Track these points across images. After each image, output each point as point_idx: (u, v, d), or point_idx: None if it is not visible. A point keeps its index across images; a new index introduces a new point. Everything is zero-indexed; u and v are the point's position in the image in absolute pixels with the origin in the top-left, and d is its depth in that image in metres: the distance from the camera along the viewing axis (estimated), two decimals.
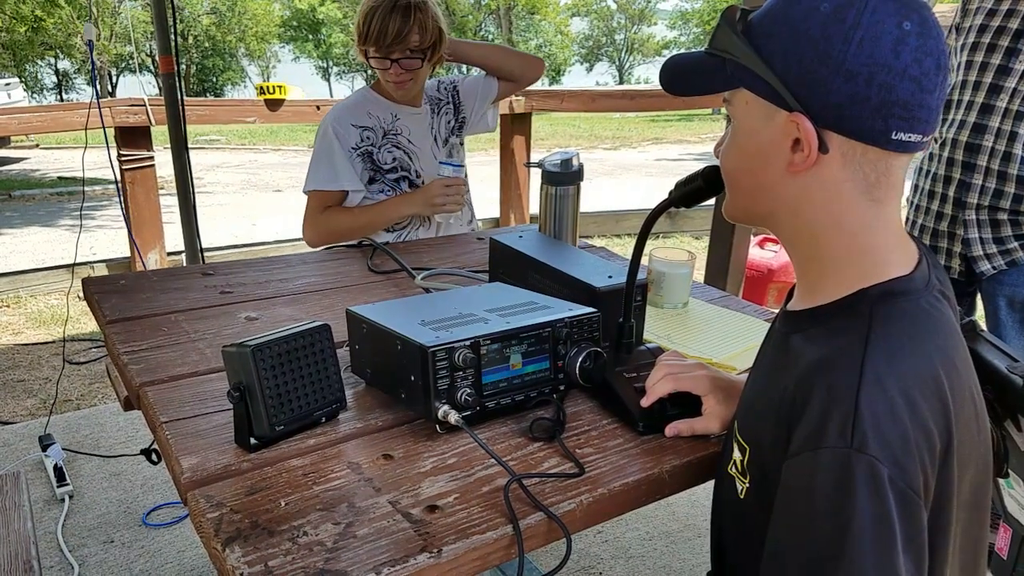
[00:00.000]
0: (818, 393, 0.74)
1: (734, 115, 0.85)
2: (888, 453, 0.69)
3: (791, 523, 0.73)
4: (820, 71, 0.75)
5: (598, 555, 2.15)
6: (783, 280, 4.10)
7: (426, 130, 2.13)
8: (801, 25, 0.76)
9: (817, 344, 0.80)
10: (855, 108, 0.75)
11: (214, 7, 28.20)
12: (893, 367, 0.73)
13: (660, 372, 1.07)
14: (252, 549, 0.81)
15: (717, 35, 0.84)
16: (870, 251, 0.81)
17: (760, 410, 0.84)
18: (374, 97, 2.08)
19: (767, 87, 0.79)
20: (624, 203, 7.28)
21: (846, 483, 0.68)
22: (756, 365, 0.96)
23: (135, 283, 1.60)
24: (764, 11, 0.81)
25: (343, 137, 2.00)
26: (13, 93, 11.98)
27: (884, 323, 0.77)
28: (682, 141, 14.76)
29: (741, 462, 0.87)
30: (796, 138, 0.78)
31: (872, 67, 0.74)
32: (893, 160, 0.78)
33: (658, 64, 9.17)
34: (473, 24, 31.65)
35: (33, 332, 3.95)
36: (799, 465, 0.73)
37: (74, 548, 2.13)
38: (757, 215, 0.89)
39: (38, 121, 4.17)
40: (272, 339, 0.99)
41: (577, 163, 1.64)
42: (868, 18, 0.74)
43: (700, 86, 0.88)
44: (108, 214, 7.30)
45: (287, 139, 14.83)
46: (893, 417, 0.70)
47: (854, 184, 0.79)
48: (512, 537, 0.86)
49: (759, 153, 0.82)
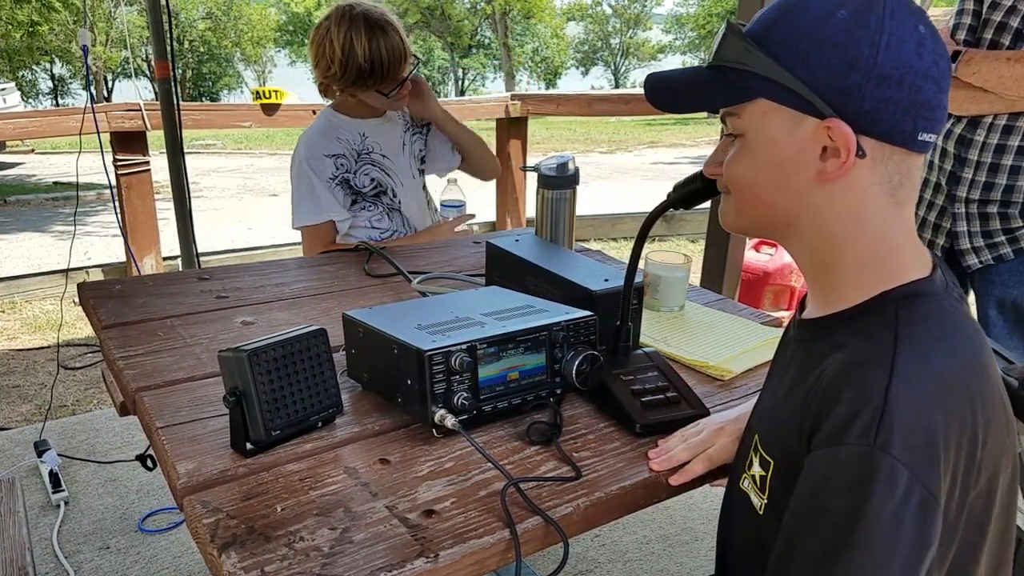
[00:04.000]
0: (848, 393, 0.73)
1: (744, 128, 0.83)
2: (911, 455, 0.68)
3: (801, 517, 0.73)
4: (852, 76, 0.75)
5: (595, 559, 2.14)
6: (779, 283, 4.10)
7: (396, 138, 2.12)
8: (819, 32, 0.76)
9: (844, 347, 0.78)
10: (888, 111, 0.75)
11: (210, 12, 28.19)
12: (923, 367, 0.73)
13: (684, 453, 1.02)
14: (248, 554, 0.81)
15: (724, 47, 0.82)
16: (890, 254, 0.81)
17: (784, 422, 0.83)
18: (339, 120, 2.05)
19: (793, 96, 0.78)
20: (620, 206, 7.28)
21: (864, 481, 0.68)
22: (773, 377, 0.94)
23: (131, 288, 1.59)
24: (766, 22, 0.80)
25: (319, 170, 1.99)
26: (9, 98, 11.96)
27: (911, 324, 0.76)
28: (678, 145, 14.77)
29: (763, 478, 0.85)
30: (824, 145, 0.77)
31: (902, 69, 0.74)
32: (913, 161, 0.79)
33: (654, 68, 9.18)
34: (469, 28, 31.68)
35: (28, 337, 3.94)
36: (817, 460, 0.73)
37: (70, 554, 2.13)
38: (773, 227, 0.87)
39: (33, 126, 4.16)
40: (268, 344, 0.98)
41: (573, 167, 1.64)
42: (889, 22, 0.74)
43: (703, 100, 0.86)
44: (103, 219, 7.29)
45: (283, 143, 14.81)
46: (921, 418, 0.70)
47: (880, 188, 0.79)
48: (509, 541, 0.86)
49: (782, 164, 0.81)
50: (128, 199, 4.13)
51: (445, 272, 1.74)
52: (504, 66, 31.54)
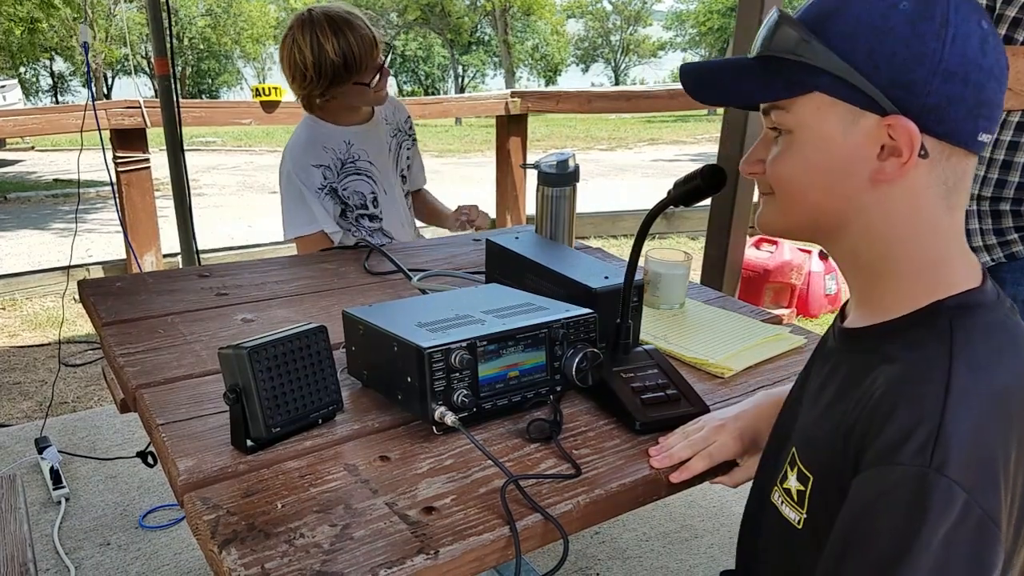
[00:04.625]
0: (901, 409, 0.69)
1: (794, 124, 0.78)
2: (969, 477, 0.64)
3: (849, 539, 0.69)
4: (917, 71, 0.70)
5: (595, 556, 2.15)
6: (779, 280, 4.10)
7: (383, 143, 2.12)
8: (882, 23, 0.71)
9: (894, 360, 0.74)
10: (952, 109, 0.71)
11: (209, 9, 28.18)
12: (981, 383, 0.69)
13: (685, 451, 1.01)
14: (249, 551, 0.81)
15: (776, 36, 0.77)
16: (941, 262, 0.77)
17: (825, 436, 0.78)
18: (324, 128, 2.03)
19: (852, 90, 0.73)
20: (620, 204, 7.28)
21: (918, 503, 0.64)
22: (810, 387, 0.89)
23: (131, 285, 1.59)
24: (822, 11, 0.75)
25: (307, 181, 1.97)
26: (9, 95, 11.97)
27: (966, 337, 0.72)
28: (678, 142, 14.77)
29: (801, 492, 0.81)
30: (883, 144, 0.73)
31: (967, 66, 0.71)
32: (969, 163, 0.75)
33: (654, 65, 9.14)
34: (469, 25, 31.64)
35: (29, 334, 3.94)
36: (868, 480, 0.69)
37: (70, 551, 2.13)
38: (819, 230, 0.82)
39: (33, 123, 4.16)
40: (268, 341, 0.98)
41: (573, 164, 1.64)
42: (955, 16, 0.70)
43: (752, 93, 0.80)
44: (103, 216, 7.29)
45: (283, 141, 14.77)
46: (979, 437, 0.66)
47: (935, 190, 0.75)
48: (509, 538, 0.86)
49: (835, 163, 0.76)
50: (128, 196, 4.13)
51: (445, 270, 1.74)
52: (504, 63, 31.51)
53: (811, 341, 1.40)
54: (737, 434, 1.02)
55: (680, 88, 1.00)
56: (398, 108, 2.21)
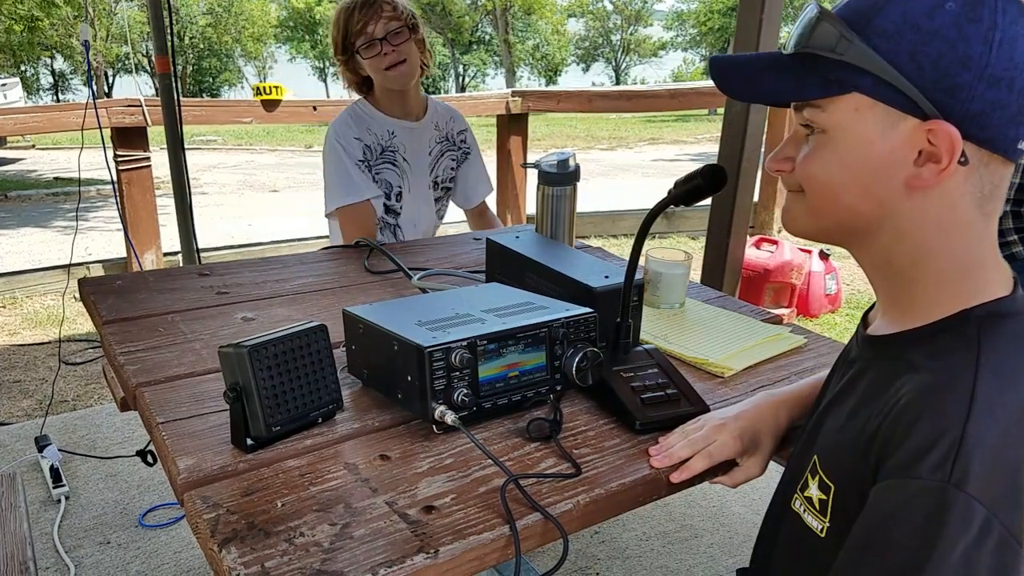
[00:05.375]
0: (923, 420, 0.67)
1: (829, 124, 0.75)
2: (990, 493, 0.62)
3: (863, 550, 0.67)
4: (963, 75, 0.68)
5: (595, 555, 2.15)
6: (779, 280, 4.10)
7: (424, 145, 2.12)
8: (927, 25, 0.69)
9: (919, 369, 0.73)
10: (995, 116, 0.69)
11: (210, 7, 28.17)
12: (1007, 395, 0.67)
13: (685, 450, 1.00)
14: (248, 550, 0.81)
15: (817, 33, 0.74)
16: (973, 269, 0.75)
17: (848, 445, 0.77)
18: (371, 112, 2.07)
19: (894, 92, 0.71)
20: (621, 203, 7.28)
21: (935, 519, 0.62)
22: (835, 394, 0.87)
23: (131, 284, 1.59)
24: (864, 8, 0.72)
25: (349, 151, 2.00)
26: (10, 94, 11.97)
27: (994, 346, 0.70)
28: (678, 142, 14.76)
29: (823, 501, 0.80)
30: (921, 149, 0.71)
31: (1013, 71, 0.68)
32: (1006, 170, 0.73)
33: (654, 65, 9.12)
34: (469, 25, 31.64)
35: (29, 333, 3.94)
36: (886, 491, 0.67)
37: (70, 549, 2.13)
38: (848, 233, 0.80)
39: (34, 122, 4.16)
40: (269, 340, 0.98)
41: (573, 163, 1.64)
42: (1002, 19, 0.68)
43: (787, 90, 0.77)
44: (104, 215, 7.30)
45: (284, 139, 14.82)
46: (1003, 450, 0.64)
47: (971, 198, 0.73)
48: (509, 538, 0.86)
49: (870, 167, 0.74)
50: (129, 195, 4.14)
51: (445, 269, 1.74)
52: (505, 62, 31.52)
53: (811, 341, 1.40)
54: (737, 434, 1.02)
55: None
56: (455, 118, 2.21)
